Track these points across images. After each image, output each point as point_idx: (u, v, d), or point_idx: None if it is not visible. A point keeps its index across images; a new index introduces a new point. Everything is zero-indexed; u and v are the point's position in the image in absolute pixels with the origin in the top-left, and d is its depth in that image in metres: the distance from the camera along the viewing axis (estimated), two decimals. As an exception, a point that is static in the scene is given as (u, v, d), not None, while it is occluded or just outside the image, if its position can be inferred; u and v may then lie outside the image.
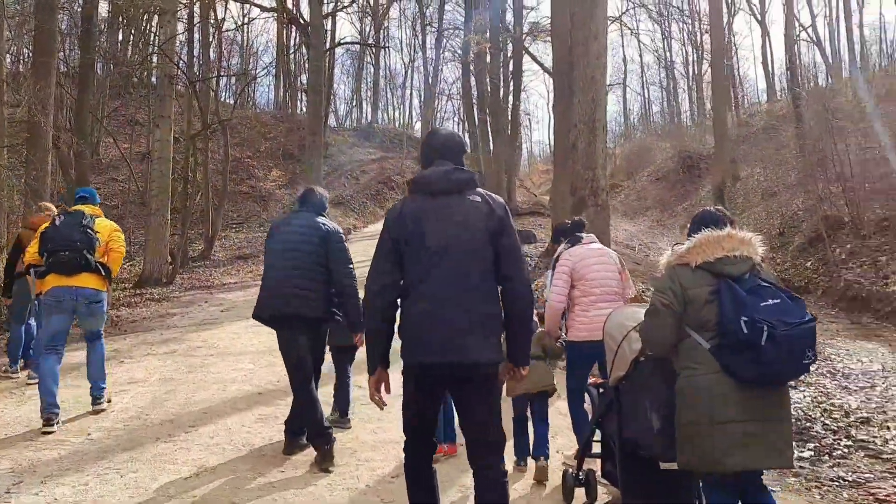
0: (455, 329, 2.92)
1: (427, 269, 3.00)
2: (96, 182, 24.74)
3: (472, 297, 2.98)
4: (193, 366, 7.49)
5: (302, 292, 4.60)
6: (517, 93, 27.99)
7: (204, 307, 12.23)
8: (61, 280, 5.30)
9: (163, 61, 14.96)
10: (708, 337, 2.98)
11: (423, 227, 3.02)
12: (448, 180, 3.10)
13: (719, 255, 3.02)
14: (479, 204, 3.07)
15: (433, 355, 2.94)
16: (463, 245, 3.00)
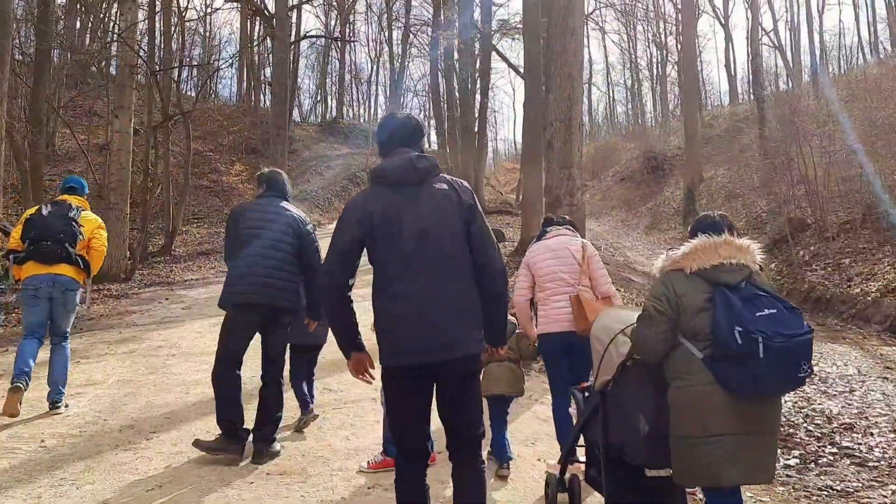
0: (440, 327, 2.83)
1: (403, 267, 2.88)
2: (52, 174, 23.99)
3: (454, 293, 2.88)
4: (154, 367, 7.16)
5: (278, 282, 4.56)
6: (485, 90, 27.83)
7: (165, 304, 11.82)
8: (40, 268, 5.33)
9: (123, 50, 14.44)
10: (701, 346, 2.90)
11: (392, 223, 2.90)
12: (413, 170, 2.96)
13: (715, 263, 2.95)
14: (448, 192, 2.96)
15: (421, 355, 2.84)
16: (439, 239, 2.90)
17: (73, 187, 5.90)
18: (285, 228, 4.65)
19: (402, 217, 2.91)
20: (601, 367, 3.46)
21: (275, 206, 4.76)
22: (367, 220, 2.91)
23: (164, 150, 18.60)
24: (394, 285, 2.89)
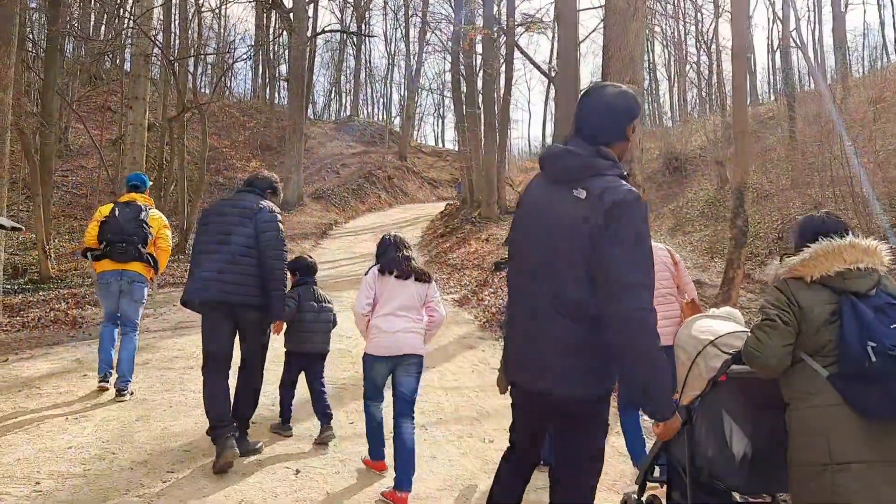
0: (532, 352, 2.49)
1: (517, 279, 2.61)
2: (64, 169, 23.41)
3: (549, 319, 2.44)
4: (170, 382, 6.38)
5: (228, 276, 4.45)
6: (508, 86, 26.95)
7: (178, 307, 11.01)
8: (113, 265, 5.95)
9: (138, 37, 13.69)
10: (826, 363, 2.58)
11: (524, 220, 2.58)
12: (558, 164, 2.49)
13: (840, 269, 2.64)
14: (581, 202, 2.37)
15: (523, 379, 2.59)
16: (541, 249, 2.47)
17: (138, 185, 6.38)
18: (238, 219, 4.56)
19: (529, 219, 2.54)
20: (688, 382, 3.15)
21: (232, 200, 4.73)
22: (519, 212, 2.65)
23: (179, 146, 17.82)
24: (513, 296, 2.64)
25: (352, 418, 5.45)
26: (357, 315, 4.40)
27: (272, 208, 4.66)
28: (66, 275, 15.16)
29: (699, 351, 3.10)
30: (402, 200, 36.48)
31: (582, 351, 2.42)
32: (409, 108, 43.57)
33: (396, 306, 4.34)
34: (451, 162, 44.59)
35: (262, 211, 4.58)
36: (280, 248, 4.55)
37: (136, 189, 6.33)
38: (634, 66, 7.71)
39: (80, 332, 9.14)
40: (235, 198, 4.74)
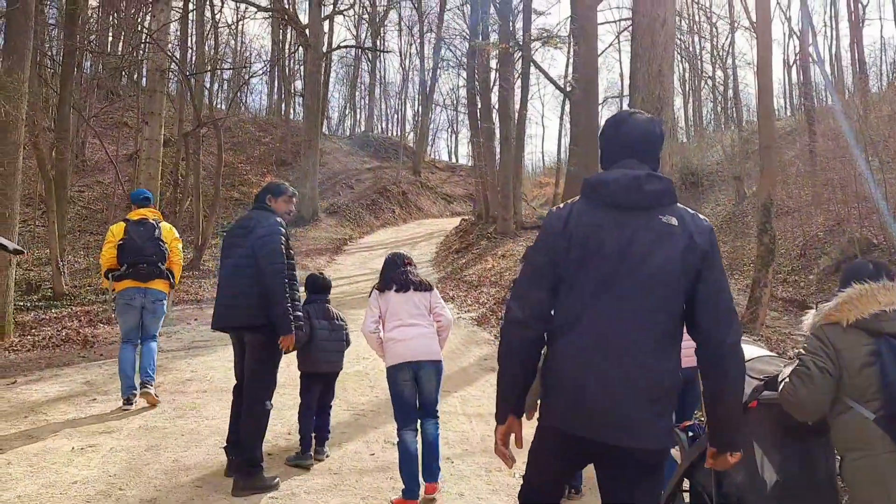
0: (623, 405, 2.18)
1: (586, 310, 2.23)
2: (80, 185, 23.38)
3: (651, 370, 2.20)
4: (182, 407, 6.12)
5: (229, 299, 4.45)
6: (524, 101, 26.76)
7: (193, 326, 10.83)
8: (136, 284, 6.16)
9: (154, 52, 13.59)
10: (873, 408, 2.53)
11: (593, 253, 2.24)
12: (639, 191, 2.26)
13: (875, 311, 2.62)
14: (674, 229, 2.24)
15: (596, 430, 2.20)
16: (643, 287, 2.22)
17: (148, 198, 6.56)
18: (238, 239, 4.51)
19: (604, 248, 2.23)
20: None
21: (238, 221, 4.74)
22: (566, 237, 2.27)
23: (195, 161, 17.70)
24: (574, 326, 2.24)
25: (372, 449, 5.16)
26: (366, 336, 4.46)
27: (267, 220, 4.46)
28: (80, 291, 14.99)
29: None
30: (416, 216, 36.28)
31: (670, 395, 2.26)
32: (424, 124, 43.50)
33: (405, 317, 4.39)
34: (465, 177, 44.42)
35: (257, 225, 4.44)
36: (274, 260, 4.32)
37: (147, 203, 6.49)
38: (663, 79, 7.45)
39: (91, 352, 8.93)
40: (243, 216, 4.72)
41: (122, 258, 6.14)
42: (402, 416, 4.32)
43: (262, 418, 4.45)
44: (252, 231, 4.43)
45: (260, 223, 4.44)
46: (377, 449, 5.13)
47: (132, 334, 6.19)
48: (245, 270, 4.37)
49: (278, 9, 33.13)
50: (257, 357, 4.46)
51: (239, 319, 4.42)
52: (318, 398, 5.11)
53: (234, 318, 4.45)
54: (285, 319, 4.31)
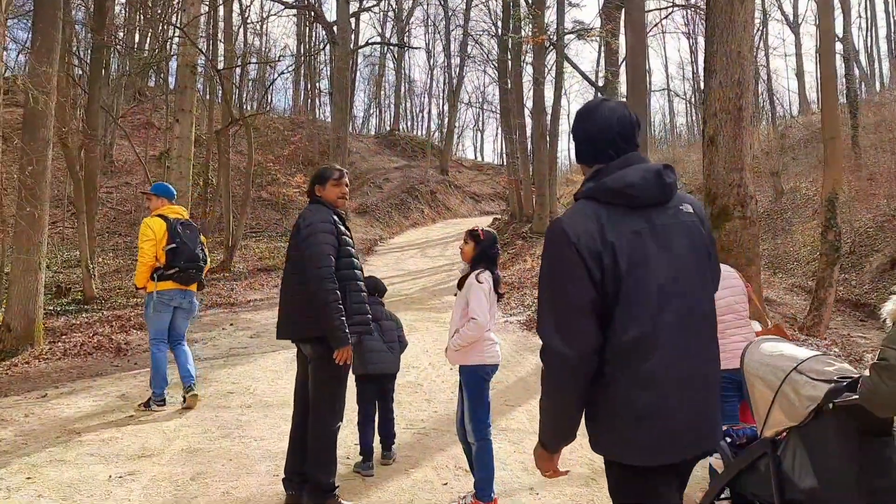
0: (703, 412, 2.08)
1: (654, 325, 2.00)
2: (108, 186, 23.12)
3: (715, 363, 2.15)
4: (227, 425, 5.58)
5: (284, 309, 4.06)
6: (558, 96, 26.07)
7: (229, 331, 10.34)
8: (178, 286, 6.16)
9: (185, 47, 13.13)
10: None
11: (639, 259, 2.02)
12: (661, 185, 2.11)
13: None
14: (695, 219, 2.18)
15: (684, 450, 2.05)
16: (695, 285, 2.10)
17: (174, 193, 6.49)
18: (293, 235, 4.06)
19: (651, 256, 2.04)
20: (772, 412, 2.91)
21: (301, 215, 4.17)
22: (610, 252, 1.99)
23: (225, 158, 17.27)
24: (639, 349, 1.99)
25: (444, 476, 4.56)
26: (480, 327, 3.94)
27: (312, 216, 3.94)
28: (111, 294, 14.61)
29: (783, 379, 2.87)
30: (444, 215, 35.74)
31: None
32: (451, 121, 42.95)
33: (494, 316, 4.21)
34: (492, 175, 43.88)
35: (302, 223, 3.96)
36: (317, 263, 3.79)
37: (173, 198, 6.45)
38: (743, 62, 6.78)
39: (125, 360, 8.46)
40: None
41: (174, 261, 6.09)
42: (488, 419, 4.05)
43: (330, 443, 3.94)
44: (299, 230, 3.95)
45: (305, 220, 3.94)
46: (449, 477, 4.54)
47: (164, 334, 6.22)
48: (295, 277, 3.95)
49: (305, 6, 32.78)
50: (318, 372, 3.96)
51: (292, 331, 4.01)
52: (378, 405, 4.85)
53: (288, 330, 4.04)
54: (336, 330, 3.78)
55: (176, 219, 6.21)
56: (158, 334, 6.17)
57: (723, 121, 6.78)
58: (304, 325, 3.89)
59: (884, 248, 19.87)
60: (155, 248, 6.03)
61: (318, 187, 4.08)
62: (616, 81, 23.49)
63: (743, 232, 6.71)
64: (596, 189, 2.10)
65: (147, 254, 6.03)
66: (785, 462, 2.83)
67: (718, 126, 6.80)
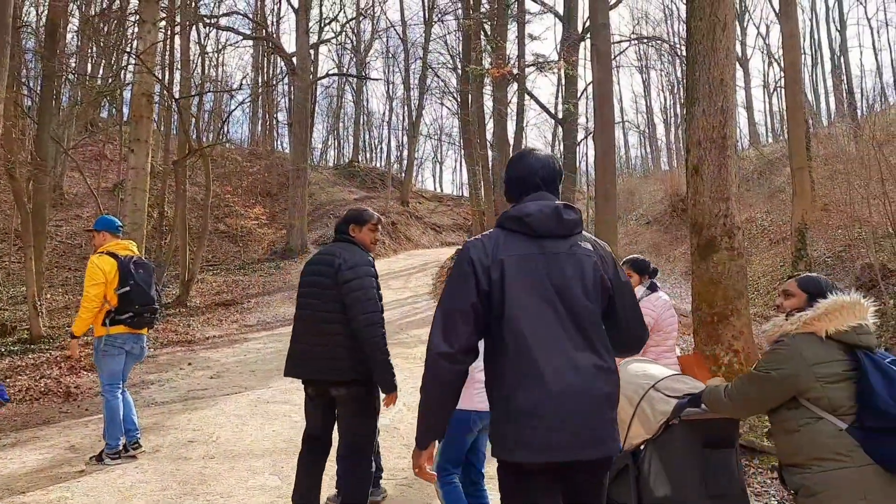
0: (581, 420, 2.27)
1: (526, 335, 2.29)
2: (58, 219, 22.25)
3: (594, 376, 2.31)
4: (189, 480, 5.09)
5: (314, 349, 3.88)
6: (520, 127, 26.14)
7: (187, 371, 9.79)
8: (130, 330, 5.66)
9: (141, 75, 12.65)
10: (848, 420, 2.53)
11: (529, 277, 2.35)
12: (559, 220, 2.43)
13: (853, 324, 2.61)
14: (592, 254, 2.47)
15: (558, 453, 2.23)
16: (574, 306, 2.35)
17: (120, 227, 5.99)
18: (323, 274, 3.92)
19: (540, 274, 2.36)
20: (632, 426, 3.21)
21: (320, 251, 4.14)
22: (498, 268, 2.35)
23: (182, 191, 16.70)
24: (529, 359, 2.28)
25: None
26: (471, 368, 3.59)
27: (354, 258, 3.87)
28: (59, 333, 13.86)
29: (641, 395, 3.17)
30: (406, 247, 35.38)
31: (615, 405, 2.42)
32: (411, 153, 42.87)
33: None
34: (453, 207, 43.85)
35: (343, 265, 3.82)
36: (368, 308, 3.76)
37: (118, 232, 5.92)
38: (726, 90, 6.65)
39: (75, 406, 7.89)
40: (324, 250, 4.11)
41: (128, 306, 5.59)
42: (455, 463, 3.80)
43: (370, 477, 3.98)
44: (339, 270, 3.80)
45: (347, 262, 3.83)
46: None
47: (119, 378, 5.71)
48: (331, 316, 3.83)
49: (264, 37, 32.50)
50: (357, 413, 3.92)
51: (326, 373, 3.87)
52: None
53: (319, 371, 3.89)
54: (391, 376, 3.83)
55: (127, 257, 5.71)
56: (113, 379, 5.63)
57: (707, 150, 6.61)
58: (348, 368, 3.82)
59: (843, 278, 20.06)
60: (104, 292, 5.51)
61: (355, 227, 4.08)
62: (576, 113, 23.65)
63: (730, 263, 6.51)
64: (502, 218, 2.47)
65: (93, 299, 5.46)
66: (643, 472, 3.08)
67: (703, 155, 6.63)
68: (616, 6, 22.84)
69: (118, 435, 5.56)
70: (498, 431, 2.32)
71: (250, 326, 14.87)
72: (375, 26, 42.59)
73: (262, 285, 20.90)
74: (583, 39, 22.31)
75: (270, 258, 25.24)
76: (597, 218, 12.79)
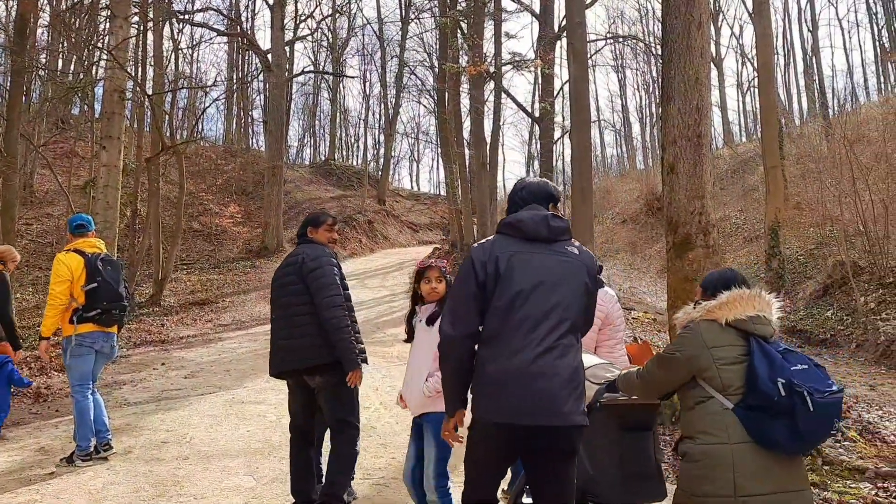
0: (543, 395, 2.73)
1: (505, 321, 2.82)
2: (28, 217, 21.87)
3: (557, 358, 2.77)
4: (162, 481, 5.01)
5: (287, 342, 4.22)
6: (496, 126, 26.14)
7: (161, 371, 9.66)
8: (100, 328, 5.58)
9: (113, 71, 12.46)
10: (734, 400, 2.80)
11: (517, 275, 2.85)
12: (547, 226, 2.95)
13: (751, 314, 2.89)
14: (574, 256, 2.96)
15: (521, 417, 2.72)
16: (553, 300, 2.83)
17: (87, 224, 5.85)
18: (289, 273, 4.30)
19: (527, 269, 2.85)
20: None
21: (285, 259, 4.51)
22: (493, 263, 2.86)
23: (155, 189, 16.50)
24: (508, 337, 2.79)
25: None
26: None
27: (315, 252, 4.28)
28: (28, 333, 13.62)
29: None
30: (382, 245, 35.28)
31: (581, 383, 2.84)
32: (387, 151, 42.72)
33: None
34: (430, 205, 43.80)
35: (306, 259, 4.22)
36: (330, 292, 4.13)
37: (87, 230, 5.79)
38: (701, 88, 6.69)
39: (45, 407, 7.76)
40: (289, 254, 4.49)
41: (95, 303, 5.49)
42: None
43: (354, 460, 4.32)
44: (302, 266, 4.19)
45: (309, 255, 4.24)
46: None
47: (89, 379, 5.60)
48: (301, 308, 4.18)
49: (238, 33, 32.21)
50: (339, 398, 4.23)
51: (302, 362, 4.16)
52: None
53: (297, 361, 4.19)
54: (350, 352, 4.12)
55: (94, 254, 5.61)
56: (83, 380, 5.52)
57: (683, 148, 6.64)
58: (315, 353, 4.11)
59: (815, 275, 20.30)
60: (69, 290, 5.42)
61: (312, 229, 4.46)
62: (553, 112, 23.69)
63: (706, 261, 6.54)
64: (501, 224, 3.03)
65: (58, 296, 5.38)
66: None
67: (678, 153, 6.66)
68: (592, 5, 22.87)
69: (89, 436, 5.44)
70: (474, 395, 2.83)
71: (225, 326, 14.74)
72: (351, 23, 42.34)
73: (237, 284, 20.74)
74: (559, 38, 22.34)
75: (246, 257, 25.03)
76: (573, 217, 12.82)
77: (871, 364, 13.37)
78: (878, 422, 7.24)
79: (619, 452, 3.29)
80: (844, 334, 16.16)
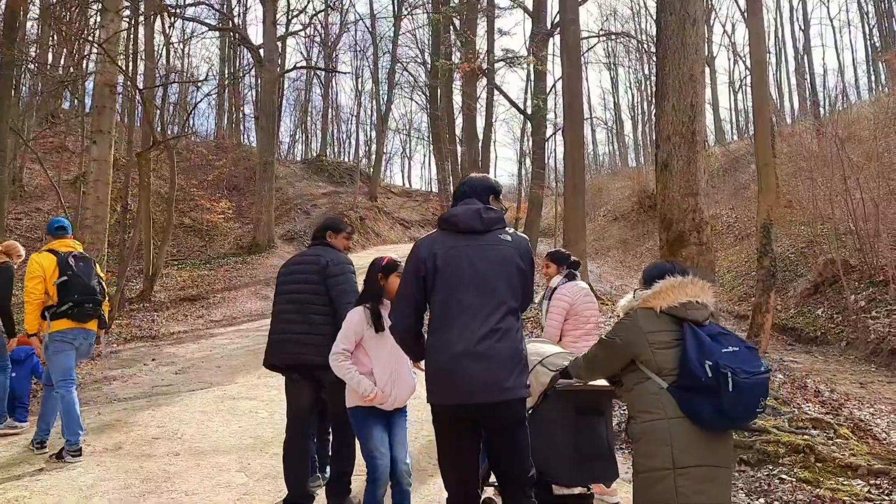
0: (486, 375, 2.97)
1: (446, 308, 3.06)
2: (17, 212, 21.72)
3: (499, 341, 3.01)
4: (153, 478, 4.97)
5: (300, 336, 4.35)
6: (489, 122, 26.11)
7: (151, 367, 9.60)
8: (76, 325, 5.64)
9: (103, 65, 12.36)
10: (669, 381, 3.00)
11: (454, 266, 3.08)
12: (479, 219, 3.15)
13: (683, 301, 3.09)
14: (507, 242, 3.16)
15: (468, 397, 2.97)
16: (489, 286, 3.06)
17: (67, 227, 6.06)
18: (306, 272, 4.47)
19: (462, 261, 3.07)
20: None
21: (303, 254, 4.69)
22: (432, 259, 3.09)
23: (146, 184, 16.40)
24: (450, 326, 3.02)
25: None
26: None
27: (338, 258, 4.46)
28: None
29: (531, 370, 3.41)
30: (374, 242, 35.19)
31: (522, 360, 3.07)
32: (379, 148, 42.62)
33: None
34: (421, 202, 43.69)
35: (330, 263, 4.40)
36: (349, 298, 4.25)
37: (66, 232, 5.98)
38: (695, 85, 6.69)
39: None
40: (306, 252, 4.66)
41: (66, 296, 5.57)
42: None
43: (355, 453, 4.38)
44: (325, 267, 4.36)
45: (334, 261, 4.41)
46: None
47: (72, 373, 5.68)
48: (320, 308, 4.35)
49: (230, 28, 32.06)
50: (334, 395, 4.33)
51: (314, 357, 4.26)
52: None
53: (307, 356, 4.31)
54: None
55: (67, 252, 5.76)
56: (66, 374, 5.58)
57: (676, 145, 6.64)
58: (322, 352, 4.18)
59: (806, 273, 20.38)
60: (43, 285, 5.55)
61: (332, 234, 4.63)
62: (545, 109, 23.67)
63: (699, 258, 6.55)
64: (439, 220, 3.25)
65: (33, 292, 5.53)
66: (530, 436, 3.31)
67: (672, 150, 6.66)
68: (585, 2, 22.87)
69: (78, 431, 5.42)
70: (428, 385, 3.07)
71: (216, 322, 14.68)
72: (344, 19, 42.09)
73: (228, 280, 20.65)
74: (552, 35, 22.33)
75: (237, 253, 24.92)
76: (565, 214, 12.82)
77: (861, 362, 13.43)
78: (870, 419, 7.27)
79: (574, 435, 3.53)
80: (835, 332, 16.24)
